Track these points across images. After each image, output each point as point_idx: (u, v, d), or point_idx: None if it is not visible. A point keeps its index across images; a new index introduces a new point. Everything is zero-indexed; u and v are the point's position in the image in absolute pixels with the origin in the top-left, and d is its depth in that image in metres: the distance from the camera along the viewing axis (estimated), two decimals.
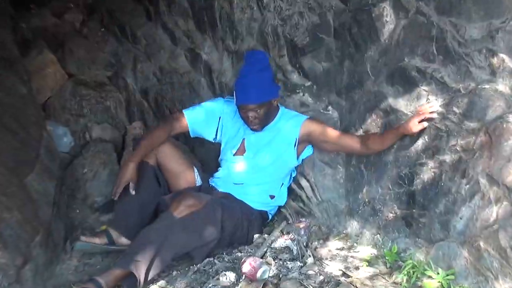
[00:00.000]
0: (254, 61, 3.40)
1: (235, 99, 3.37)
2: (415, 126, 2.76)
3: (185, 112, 3.56)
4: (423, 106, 2.76)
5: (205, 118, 3.56)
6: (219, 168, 3.64)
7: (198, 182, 3.64)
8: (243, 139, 3.50)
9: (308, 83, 3.50)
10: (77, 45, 5.52)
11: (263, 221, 3.60)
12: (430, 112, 2.72)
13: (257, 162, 3.47)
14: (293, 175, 3.56)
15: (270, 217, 3.64)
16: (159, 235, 3.10)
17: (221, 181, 3.59)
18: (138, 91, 5.12)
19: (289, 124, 3.42)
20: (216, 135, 3.60)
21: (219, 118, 3.57)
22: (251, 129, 3.43)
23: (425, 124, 2.72)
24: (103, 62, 5.49)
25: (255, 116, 3.35)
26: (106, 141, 4.68)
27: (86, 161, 4.39)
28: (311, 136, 3.37)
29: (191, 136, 3.62)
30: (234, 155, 3.52)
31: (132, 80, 5.19)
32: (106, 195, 4.13)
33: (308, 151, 3.45)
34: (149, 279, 3.07)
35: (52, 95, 5.16)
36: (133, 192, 3.38)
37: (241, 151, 3.50)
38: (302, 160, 3.47)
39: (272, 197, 3.55)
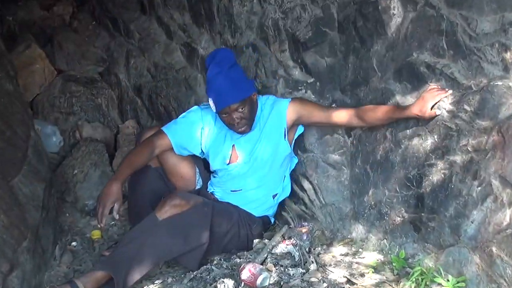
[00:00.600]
0: (220, 61, 3.31)
1: (213, 107, 3.28)
2: (428, 111, 2.72)
3: (164, 129, 3.46)
4: (434, 89, 2.71)
5: (187, 131, 3.46)
6: (214, 177, 3.62)
7: (199, 184, 3.64)
8: (233, 145, 3.45)
9: (311, 80, 3.50)
10: (66, 39, 5.54)
11: (265, 227, 3.61)
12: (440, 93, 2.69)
13: (253, 165, 3.45)
14: (295, 161, 3.56)
15: (272, 220, 3.65)
16: (140, 237, 3.12)
17: (218, 190, 3.59)
18: (131, 88, 5.13)
19: (273, 115, 3.39)
20: (201, 146, 3.51)
21: (201, 128, 3.48)
22: (239, 133, 3.36)
23: (438, 111, 2.70)
24: (94, 57, 5.50)
25: (240, 117, 3.28)
26: (97, 141, 4.69)
27: (76, 162, 4.40)
28: (299, 119, 3.37)
29: (176, 153, 3.51)
30: (228, 164, 3.48)
31: (125, 76, 5.20)
32: (97, 198, 4.13)
33: (299, 131, 3.46)
34: (130, 284, 3.07)
35: (40, 92, 5.19)
36: (117, 217, 3.27)
37: (234, 158, 3.46)
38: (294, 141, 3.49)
39: (275, 196, 3.55)
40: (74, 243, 3.76)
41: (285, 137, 3.39)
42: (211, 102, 3.28)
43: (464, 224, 2.57)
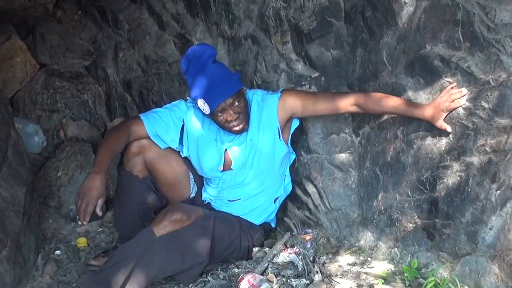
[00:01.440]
0: (200, 57, 3.25)
1: (206, 109, 3.21)
2: (440, 122, 2.74)
3: (141, 116, 3.42)
4: (452, 93, 2.70)
5: (166, 122, 3.41)
6: (208, 185, 3.60)
7: (193, 191, 3.62)
8: (225, 151, 3.42)
9: (316, 74, 3.50)
10: (50, 31, 5.54)
11: (267, 234, 3.61)
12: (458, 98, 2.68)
13: (249, 171, 3.43)
14: (293, 156, 3.56)
15: (274, 224, 3.65)
16: (135, 254, 3.07)
17: (215, 199, 3.58)
18: (120, 83, 5.14)
19: (264, 115, 3.36)
20: (183, 146, 3.46)
21: (183, 123, 3.43)
22: (237, 132, 3.30)
23: (449, 128, 2.72)
24: (80, 50, 5.51)
25: (238, 112, 3.24)
26: (83, 141, 4.69)
27: (60, 164, 4.40)
28: (293, 115, 3.35)
29: (154, 141, 3.42)
30: (221, 171, 3.45)
31: (113, 70, 5.20)
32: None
33: (294, 125, 3.45)
34: None
35: (21, 88, 5.18)
36: (100, 213, 3.15)
37: (228, 164, 3.43)
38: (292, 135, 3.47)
39: (276, 199, 3.57)
40: (58, 252, 3.76)
41: (280, 137, 3.38)
42: (201, 104, 3.21)
43: (481, 231, 2.58)
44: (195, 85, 3.23)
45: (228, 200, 3.52)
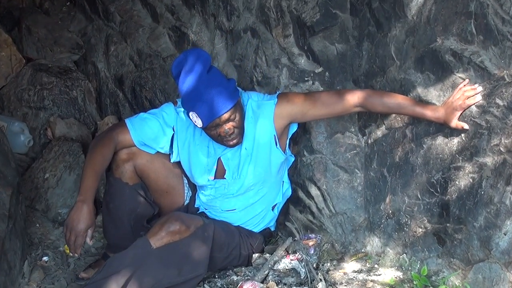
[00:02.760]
0: (193, 65, 3.16)
1: (199, 123, 3.16)
2: (455, 121, 2.74)
3: (127, 122, 3.39)
4: (465, 90, 2.70)
5: (154, 130, 3.38)
6: (202, 193, 3.57)
7: (188, 197, 3.61)
8: (219, 158, 3.39)
9: (319, 69, 3.51)
10: (36, 23, 5.54)
11: (266, 240, 3.62)
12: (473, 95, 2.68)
13: (243, 181, 3.40)
14: (291, 160, 3.56)
15: (273, 228, 3.65)
16: (129, 266, 3.06)
17: (208, 208, 3.57)
18: (111, 79, 5.14)
19: (259, 123, 3.31)
20: (173, 152, 3.45)
21: (173, 130, 3.41)
22: (231, 146, 3.27)
23: (466, 126, 2.72)
24: (68, 43, 5.50)
25: (232, 126, 3.20)
26: (72, 140, 4.69)
27: (47, 165, 4.40)
28: (291, 121, 3.34)
29: (139, 148, 3.42)
30: (213, 180, 3.43)
31: (104, 65, 5.20)
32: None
33: (292, 130, 3.43)
34: None
35: (6, 84, 5.17)
36: (91, 243, 3.23)
37: (220, 173, 3.41)
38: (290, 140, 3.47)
39: (274, 206, 3.57)
40: (45, 258, 3.76)
41: (276, 145, 3.35)
42: (193, 116, 3.15)
43: (495, 236, 2.58)
44: (187, 96, 3.17)
45: (222, 210, 3.50)
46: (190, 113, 3.16)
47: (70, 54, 5.47)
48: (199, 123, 3.15)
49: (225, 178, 3.41)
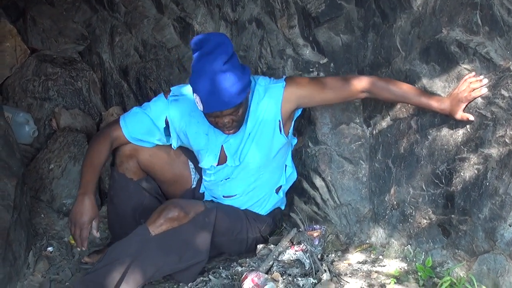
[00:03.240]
0: (212, 51, 3.06)
1: (200, 106, 3.10)
2: (460, 113, 2.75)
3: (120, 120, 3.37)
4: (471, 82, 2.70)
5: (145, 123, 3.35)
6: (204, 178, 3.56)
7: (195, 181, 3.61)
8: (222, 146, 3.36)
9: (324, 60, 3.50)
10: (41, 14, 5.54)
11: (276, 222, 3.62)
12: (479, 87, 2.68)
13: (245, 166, 3.39)
14: (294, 142, 3.54)
15: (283, 207, 3.65)
16: (129, 253, 3.07)
17: (209, 192, 3.57)
18: (116, 70, 5.14)
19: (266, 106, 3.27)
20: (169, 140, 3.42)
21: (166, 121, 3.36)
22: (226, 133, 3.25)
23: (471, 117, 2.71)
24: (73, 34, 5.50)
25: (232, 120, 3.16)
26: (77, 131, 4.70)
27: (52, 155, 4.41)
28: (298, 106, 3.30)
29: (134, 143, 3.41)
30: (216, 166, 3.41)
31: (109, 56, 5.20)
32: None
33: (297, 114, 3.40)
34: None
35: (11, 75, 5.18)
36: (98, 234, 3.27)
37: (222, 159, 3.39)
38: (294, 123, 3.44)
39: (279, 189, 3.55)
40: (50, 248, 3.76)
41: (280, 131, 3.32)
42: (197, 99, 3.10)
43: (500, 227, 2.58)
44: (196, 77, 3.08)
45: (224, 196, 3.49)
46: (195, 94, 3.10)
47: (75, 44, 5.48)
48: (200, 106, 3.10)
49: (227, 164, 3.39)
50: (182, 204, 3.20)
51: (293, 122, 3.41)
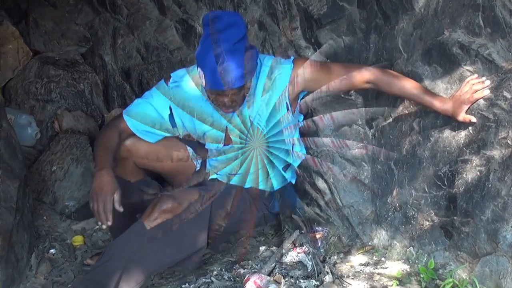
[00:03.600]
0: (224, 29, 3.03)
1: (203, 82, 3.09)
2: (462, 115, 2.74)
3: (124, 113, 3.36)
4: (473, 84, 2.69)
5: (150, 114, 3.34)
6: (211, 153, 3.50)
7: (198, 164, 3.53)
8: (226, 126, 3.33)
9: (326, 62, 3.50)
10: (44, 16, 5.55)
11: (286, 194, 3.58)
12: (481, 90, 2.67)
13: (251, 143, 3.35)
14: (300, 119, 3.47)
15: (294, 181, 3.60)
16: (125, 251, 3.08)
17: (217, 169, 3.49)
18: (118, 72, 5.14)
19: (274, 83, 3.24)
20: (177, 128, 3.38)
21: (170, 109, 3.34)
22: (223, 111, 3.22)
23: (473, 119, 2.71)
24: (75, 36, 5.51)
25: (232, 100, 3.14)
26: (79, 133, 4.70)
27: (55, 157, 4.41)
28: (305, 89, 3.26)
29: (141, 137, 3.39)
30: (223, 146, 3.38)
31: (111, 58, 5.21)
32: (79, 199, 4.15)
33: (301, 95, 3.35)
34: None
35: (13, 77, 5.18)
36: (121, 209, 3.09)
37: (228, 140, 3.35)
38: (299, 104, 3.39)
39: (287, 168, 3.48)
40: (52, 251, 3.77)
41: (288, 110, 3.28)
42: (200, 73, 3.08)
43: (503, 229, 2.58)
44: (204, 52, 3.05)
45: (228, 173, 3.44)
46: (199, 68, 3.08)
47: (77, 46, 5.48)
48: (202, 81, 3.09)
49: (232, 144, 3.36)
50: (175, 195, 3.19)
51: (299, 100, 3.35)
